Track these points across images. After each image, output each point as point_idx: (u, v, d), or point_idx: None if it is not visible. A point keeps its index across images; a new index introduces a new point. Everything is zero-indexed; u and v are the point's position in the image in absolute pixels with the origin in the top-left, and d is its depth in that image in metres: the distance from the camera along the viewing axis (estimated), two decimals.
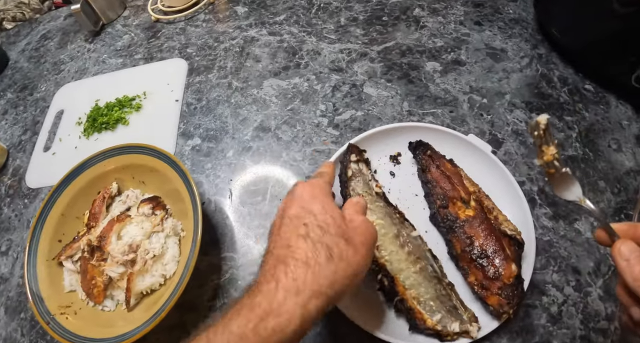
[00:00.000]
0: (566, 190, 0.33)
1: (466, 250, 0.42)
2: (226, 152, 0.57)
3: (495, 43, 0.69)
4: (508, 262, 0.41)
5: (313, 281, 0.25)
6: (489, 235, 0.43)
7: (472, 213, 0.44)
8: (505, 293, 0.39)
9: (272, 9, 0.73)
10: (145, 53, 0.72)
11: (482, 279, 0.41)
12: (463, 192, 0.46)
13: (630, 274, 0.24)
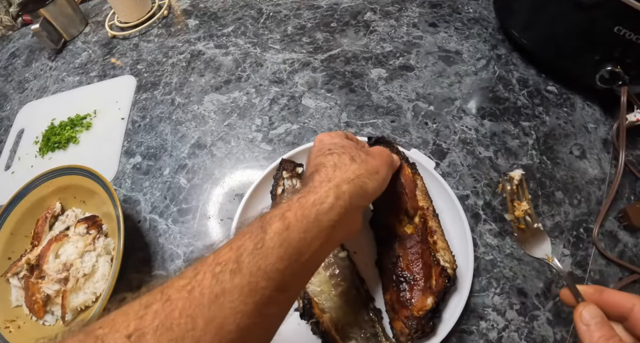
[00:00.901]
0: (535, 247, 0.33)
1: (390, 267, 0.41)
2: (163, 170, 0.58)
3: (450, 45, 0.67)
4: (425, 294, 0.38)
5: (342, 174, 0.31)
6: (418, 260, 0.41)
7: (410, 230, 0.42)
8: (410, 323, 0.37)
9: (221, 20, 0.74)
10: (99, 70, 0.74)
11: (394, 301, 0.39)
12: (411, 205, 0.43)
13: (589, 339, 0.25)
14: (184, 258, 0.51)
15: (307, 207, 0.27)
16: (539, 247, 0.32)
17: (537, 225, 0.33)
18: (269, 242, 0.25)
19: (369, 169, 0.33)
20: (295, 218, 0.26)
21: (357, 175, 0.31)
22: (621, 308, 0.26)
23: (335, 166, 0.31)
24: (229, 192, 0.54)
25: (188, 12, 0.77)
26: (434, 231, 0.42)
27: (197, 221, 0.53)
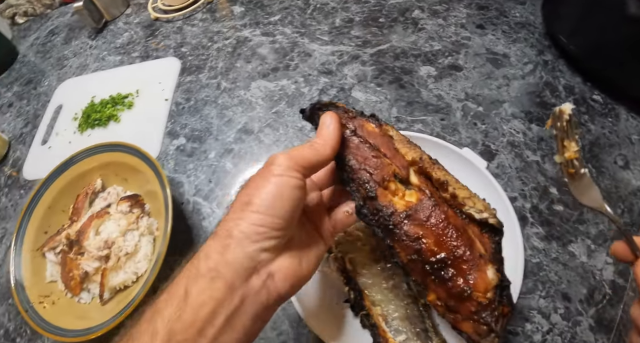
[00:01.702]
0: (585, 194, 0.29)
1: (414, 258, 0.29)
2: (208, 153, 0.57)
3: (498, 48, 0.66)
4: (480, 267, 0.28)
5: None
6: (446, 229, 0.29)
7: (414, 198, 0.30)
8: (483, 316, 0.28)
9: (268, 8, 0.73)
10: (142, 51, 0.74)
11: (446, 298, 0.29)
12: (398, 165, 0.31)
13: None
14: None
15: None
16: (590, 195, 0.29)
17: (584, 170, 0.29)
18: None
19: (239, 203, 0.27)
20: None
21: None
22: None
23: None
24: None
25: None
26: (445, 182, 0.31)
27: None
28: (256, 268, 0.25)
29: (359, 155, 0.31)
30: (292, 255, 0.28)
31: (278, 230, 0.26)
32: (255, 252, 0.25)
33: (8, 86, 0.82)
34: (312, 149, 0.28)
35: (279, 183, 0.26)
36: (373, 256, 0.41)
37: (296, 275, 0.28)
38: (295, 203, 0.26)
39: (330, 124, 0.30)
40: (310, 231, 0.32)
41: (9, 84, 0.82)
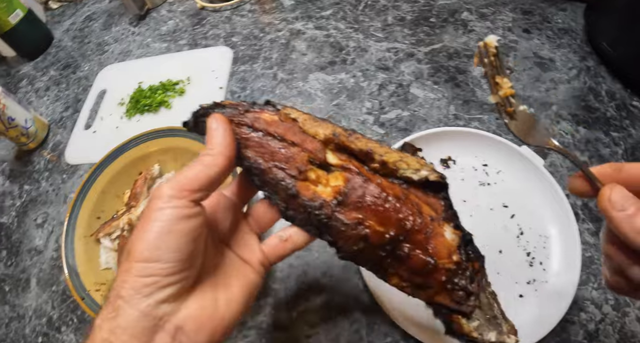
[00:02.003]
0: (529, 133, 0.27)
1: (362, 246, 0.26)
2: None
3: (544, 52, 0.67)
4: (436, 231, 0.25)
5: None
6: (386, 202, 0.25)
7: (341, 180, 0.26)
8: (456, 282, 0.26)
9: (318, 3, 0.73)
10: (189, 39, 0.73)
11: (410, 277, 0.26)
12: (310, 149, 0.27)
13: (630, 227, 0.19)
14: None
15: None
16: (534, 132, 0.27)
17: (523, 107, 0.28)
18: None
19: (124, 255, 0.23)
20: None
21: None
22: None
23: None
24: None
25: None
26: (370, 151, 0.27)
27: None
28: (159, 326, 0.21)
29: (263, 152, 0.27)
30: (203, 297, 0.23)
31: (171, 275, 0.22)
32: (151, 307, 0.21)
33: (44, 70, 0.80)
34: (201, 165, 0.24)
35: (161, 219, 0.22)
36: None
37: (214, 321, 0.23)
38: (187, 237, 0.22)
39: (216, 129, 0.25)
40: (230, 259, 0.27)
41: (44, 68, 0.80)
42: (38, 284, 0.56)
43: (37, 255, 0.59)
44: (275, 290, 0.47)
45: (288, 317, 0.45)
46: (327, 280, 0.46)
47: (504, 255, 0.43)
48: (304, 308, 0.45)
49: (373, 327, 0.42)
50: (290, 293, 0.46)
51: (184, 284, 0.23)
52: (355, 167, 0.27)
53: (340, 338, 0.42)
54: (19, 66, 0.84)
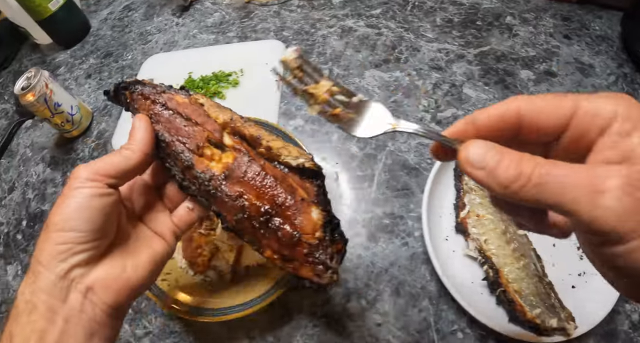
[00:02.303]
0: (369, 124, 0.25)
1: (240, 217, 0.29)
2: (330, 135, 0.57)
3: (584, 58, 0.69)
4: (305, 210, 0.29)
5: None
6: (264, 180, 0.29)
7: (231, 158, 0.30)
8: (316, 256, 0.29)
9: (367, 1, 0.74)
10: (238, 32, 0.73)
11: (279, 249, 0.29)
12: (210, 129, 0.31)
13: (495, 182, 0.18)
14: (362, 224, 0.50)
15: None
16: (374, 121, 0.24)
17: (357, 97, 0.25)
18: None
19: (44, 228, 0.26)
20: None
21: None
22: (506, 122, 0.20)
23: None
24: (404, 163, 0.54)
25: None
26: (258, 137, 0.31)
27: (373, 189, 0.52)
28: (72, 286, 0.25)
29: (170, 127, 0.31)
30: (112, 263, 0.27)
31: (84, 243, 0.25)
32: (64, 270, 0.24)
33: (82, 58, 0.79)
34: (120, 156, 0.28)
35: (76, 195, 0.25)
36: (504, 238, 0.44)
37: (120, 282, 0.27)
38: (98, 213, 0.26)
39: (139, 127, 0.30)
40: (142, 233, 0.31)
41: (83, 57, 0.79)
42: None
43: None
44: (344, 280, 0.47)
45: (358, 306, 0.45)
46: (394, 270, 0.47)
47: (557, 248, 0.45)
48: (373, 297, 0.46)
49: (440, 314, 0.44)
50: (360, 283, 0.47)
51: (95, 252, 0.26)
52: (245, 149, 0.31)
53: (409, 326, 0.43)
54: (55, 54, 0.82)
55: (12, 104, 0.78)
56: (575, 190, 0.16)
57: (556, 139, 0.19)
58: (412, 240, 0.49)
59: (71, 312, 0.24)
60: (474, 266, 0.45)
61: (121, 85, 0.33)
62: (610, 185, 0.15)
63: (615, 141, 0.17)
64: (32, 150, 0.70)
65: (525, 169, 0.17)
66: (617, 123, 0.17)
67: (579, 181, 0.16)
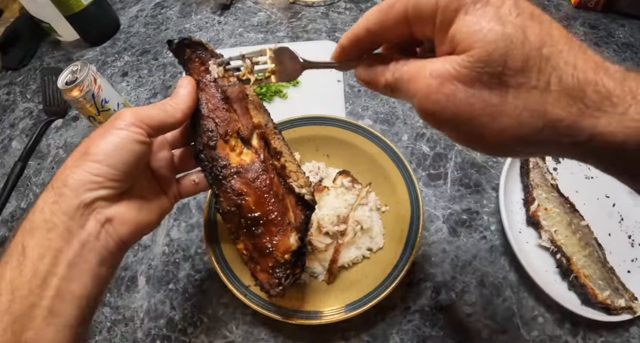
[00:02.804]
0: (292, 69, 0.29)
1: (233, 210, 0.32)
2: (401, 135, 0.57)
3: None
4: (286, 233, 0.32)
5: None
6: (267, 193, 0.32)
7: (249, 158, 0.32)
8: (278, 273, 0.32)
9: None
10: (288, 31, 0.71)
11: (251, 249, 0.33)
12: (244, 124, 0.33)
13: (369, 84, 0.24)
14: (442, 220, 0.50)
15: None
16: (292, 65, 0.28)
17: (274, 45, 0.29)
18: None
19: (77, 154, 0.27)
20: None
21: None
22: (362, 40, 0.24)
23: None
24: (473, 162, 0.54)
25: None
26: (280, 152, 0.33)
27: (448, 186, 0.53)
28: (92, 215, 0.26)
29: (210, 102, 0.32)
30: (130, 204, 0.29)
31: (114, 180, 0.27)
32: (90, 199, 0.26)
33: (115, 55, 0.75)
34: (161, 110, 0.29)
35: (119, 135, 0.27)
36: (570, 229, 0.47)
37: (135, 222, 0.29)
38: (134, 156, 0.28)
39: (185, 88, 0.31)
40: (155, 187, 0.33)
41: (115, 54, 0.75)
42: (148, 282, 0.51)
43: (142, 250, 0.54)
44: (432, 274, 0.47)
45: (448, 298, 0.46)
46: (477, 263, 0.48)
47: (612, 237, 0.49)
48: (460, 289, 0.46)
49: (521, 302, 0.45)
50: (447, 276, 0.47)
51: (118, 190, 0.28)
52: (265, 157, 0.33)
53: (496, 314, 0.45)
54: (82, 51, 0.77)
55: (37, 102, 0.72)
56: (408, 83, 0.21)
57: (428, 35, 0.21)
58: (489, 233, 0.50)
59: (88, 237, 0.26)
60: (546, 256, 0.47)
61: (185, 41, 0.33)
62: (422, 84, 0.20)
63: (440, 37, 0.20)
64: (67, 151, 0.65)
65: (386, 72, 0.23)
66: (439, 17, 0.19)
67: (410, 76, 0.21)
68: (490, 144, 0.20)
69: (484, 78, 0.18)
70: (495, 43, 0.18)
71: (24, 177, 0.64)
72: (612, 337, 0.43)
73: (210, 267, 0.50)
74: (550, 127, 0.18)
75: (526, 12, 0.18)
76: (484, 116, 0.19)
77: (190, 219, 0.54)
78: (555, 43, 0.18)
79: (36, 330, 0.23)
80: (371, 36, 0.23)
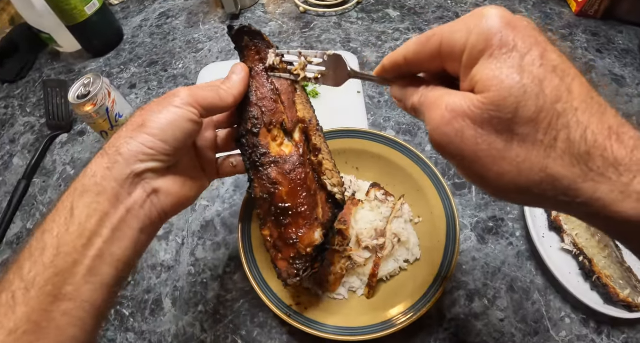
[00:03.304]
0: (338, 77, 0.30)
1: (265, 197, 0.33)
2: (424, 146, 0.57)
3: (616, 70, 0.76)
4: (312, 227, 0.32)
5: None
6: (300, 186, 0.32)
7: (288, 150, 0.33)
8: (297, 264, 0.33)
9: (423, 16, 0.76)
10: (302, 42, 0.71)
11: (276, 238, 0.34)
12: (289, 117, 0.33)
13: (410, 108, 0.24)
14: (470, 228, 0.51)
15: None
16: (340, 72, 0.30)
17: (330, 52, 0.31)
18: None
19: (133, 125, 0.28)
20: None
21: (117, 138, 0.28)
22: (399, 69, 0.25)
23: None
24: None
25: (383, 3, 0.78)
26: (319, 149, 0.33)
27: (474, 195, 0.53)
28: (141, 185, 0.28)
29: (259, 91, 0.33)
30: (175, 178, 0.30)
31: (165, 155, 0.28)
32: (141, 170, 0.27)
33: (121, 67, 0.72)
34: (215, 93, 0.31)
35: (175, 113, 0.28)
36: (590, 231, 0.49)
37: (178, 196, 0.30)
38: (186, 134, 0.29)
39: (239, 74, 0.32)
40: (197, 164, 0.34)
41: (121, 65, 0.73)
42: (175, 305, 0.49)
43: (166, 271, 0.51)
44: (464, 282, 0.48)
45: (481, 305, 0.46)
46: (506, 268, 0.49)
47: None
48: (492, 295, 0.47)
49: (549, 304, 0.46)
50: (479, 284, 0.48)
51: (167, 165, 0.29)
52: (304, 151, 0.33)
53: (527, 317, 0.46)
54: (84, 62, 0.75)
55: (39, 116, 0.69)
56: (427, 110, 0.22)
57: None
58: (514, 239, 0.51)
59: (134, 205, 0.27)
60: (568, 258, 0.49)
61: (245, 29, 0.34)
62: (436, 114, 0.21)
63: (465, 73, 0.20)
64: (75, 168, 0.62)
65: (414, 95, 0.24)
66: (465, 55, 0.20)
67: (430, 104, 0.22)
68: (492, 186, 0.20)
69: (493, 121, 0.19)
70: (509, 90, 0.18)
71: (28, 196, 0.60)
72: (633, 333, 0.44)
73: (241, 286, 0.49)
74: (549, 182, 0.18)
75: (550, 64, 0.18)
76: (487, 157, 0.19)
77: (216, 237, 0.53)
78: (572, 100, 0.18)
79: (75, 286, 0.24)
80: (408, 65, 0.24)
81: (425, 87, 0.23)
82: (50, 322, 0.23)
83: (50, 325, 0.23)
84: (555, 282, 0.46)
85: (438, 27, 0.21)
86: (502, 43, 0.19)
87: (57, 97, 0.66)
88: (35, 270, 0.23)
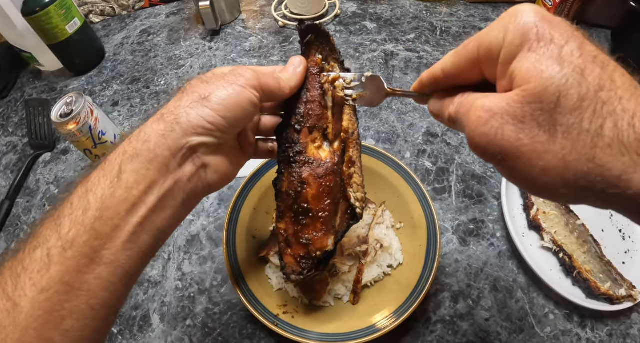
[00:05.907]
0: (375, 95, 0.31)
1: (291, 193, 0.34)
2: (403, 153, 0.59)
3: None
4: (327, 233, 0.33)
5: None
6: (327, 192, 0.33)
7: (325, 155, 0.34)
8: (304, 263, 0.34)
9: (399, 27, 0.79)
10: (282, 56, 0.73)
11: (290, 234, 0.34)
12: (333, 126, 0.34)
13: (449, 121, 0.24)
14: (452, 231, 0.53)
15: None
16: (378, 93, 0.31)
17: (368, 73, 0.32)
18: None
19: (195, 95, 0.28)
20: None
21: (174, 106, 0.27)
22: (437, 81, 0.25)
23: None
24: (473, 173, 0.58)
25: (360, 16, 0.81)
26: (353, 162, 0.34)
27: (454, 198, 0.55)
28: (192, 158, 0.27)
29: (310, 93, 0.33)
30: (224, 155, 0.30)
31: (222, 132, 0.28)
32: (196, 143, 0.27)
33: (103, 85, 0.73)
34: (275, 81, 0.31)
35: (240, 92, 0.28)
36: (568, 229, 0.52)
37: (225, 172, 0.31)
38: (245, 115, 0.29)
39: (297, 67, 0.33)
40: (239, 144, 0.34)
41: (103, 83, 0.73)
42: (163, 320, 0.49)
43: (153, 287, 0.52)
44: (449, 285, 0.49)
45: (466, 305, 0.48)
46: (488, 269, 0.50)
47: (605, 233, 0.53)
48: (477, 296, 0.48)
49: (533, 301, 0.48)
50: (463, 285, 0.49)
51: (220, 141, 0.28)
52: (339, 160, 0.34)
53: (511, 316, 0.47)
54: (66, 80, 0.75)
55: (21, 136, 0.68)
56: (463, 116, 0.22)
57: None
58: (495, 240, 0.52)
59: (182, 177, 0.26)
60: (549, 256, 0.51)
61: (313, 28, 0.34)
62: (473, 117, 0.20)
63: (502, 71, 0.20)
64: (58, 187, 0.62)
65: (450, 105, 0.23)
66: (503, 52, 0.20)
67: (466, 109, 0.22)
68: (538, 184, 0.20)
69: (535, 114, 0.18)
70: (551, 80, 0.18)
71: (12, 216, 0.60)
72: (616, 325, 0.46)
73: (229, 299, 0.49)
74: (598, 173, 0.18)
75: (589, 54, 0.18)
76: (531, 153, 0.19)
77: (202, 251, 0.53)
78: (616, 88, 0.18)
79: (113, 251, 0.24)
80: (446, 78, 0.24)
81: (461, 95, 0.23)
82: (82, 284, 0.23)
83: (82, 287, 0.23)
84: (537, 279, 0.47)
85: (476, 34, 0.21)
86: (539, 37, 0.19)
87: (39, 116, 0.66)
88: (75, 230, 0.23)
